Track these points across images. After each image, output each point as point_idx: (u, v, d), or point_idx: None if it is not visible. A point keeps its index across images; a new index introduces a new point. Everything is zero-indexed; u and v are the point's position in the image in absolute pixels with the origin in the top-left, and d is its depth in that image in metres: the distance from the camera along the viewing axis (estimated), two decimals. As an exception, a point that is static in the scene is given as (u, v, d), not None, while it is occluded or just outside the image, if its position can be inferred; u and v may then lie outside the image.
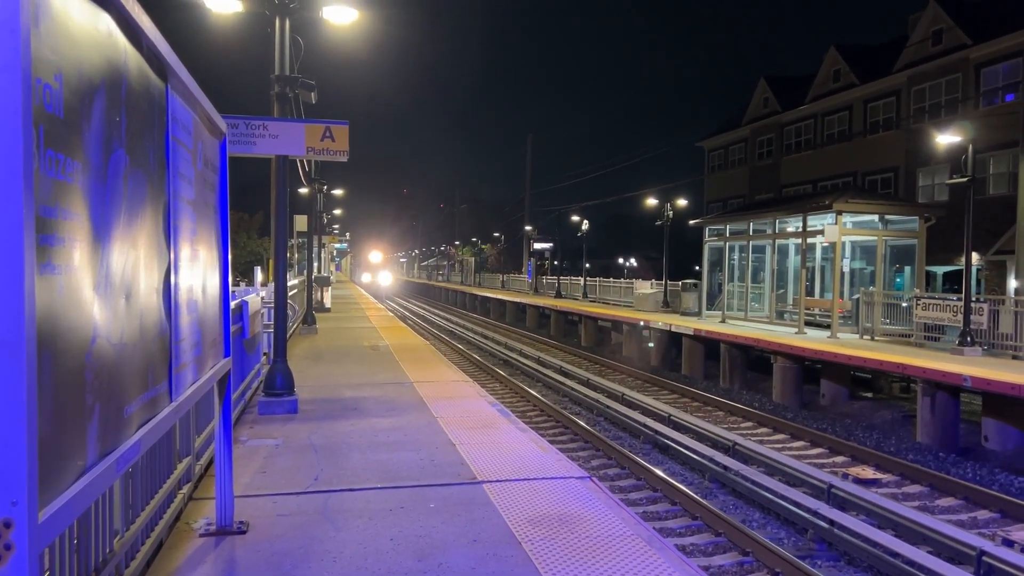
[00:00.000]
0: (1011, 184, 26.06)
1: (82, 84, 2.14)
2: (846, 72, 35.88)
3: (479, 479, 6.30)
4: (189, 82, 3.61)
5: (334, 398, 10.22)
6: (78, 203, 2.09)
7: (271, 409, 8.99)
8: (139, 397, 2.75)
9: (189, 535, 4.94)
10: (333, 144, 9.08)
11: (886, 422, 15.65)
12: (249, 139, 8.71)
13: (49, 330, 1.87)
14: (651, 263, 75.33)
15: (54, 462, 1.91)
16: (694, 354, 22.46)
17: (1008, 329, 15.40)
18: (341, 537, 4.93)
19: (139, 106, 2.79)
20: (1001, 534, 8.24)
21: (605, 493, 5.99)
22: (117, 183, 2.49)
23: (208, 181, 4.36)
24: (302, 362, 13.70)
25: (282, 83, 9.66)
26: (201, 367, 4.04)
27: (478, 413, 9.24)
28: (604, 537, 4.95)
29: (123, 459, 2.47)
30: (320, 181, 26.08)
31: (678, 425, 14.21)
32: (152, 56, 2.98)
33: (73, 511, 2.03)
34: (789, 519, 9.20)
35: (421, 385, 11.38)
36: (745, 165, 44.26)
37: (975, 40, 28.38)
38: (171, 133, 3.32)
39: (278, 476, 6.39)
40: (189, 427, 5.79)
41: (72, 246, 2.04)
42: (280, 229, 9.91)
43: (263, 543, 4.81)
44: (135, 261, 2.72)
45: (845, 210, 20.13)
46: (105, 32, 2.38)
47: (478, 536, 4.96)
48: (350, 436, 7.90)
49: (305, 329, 20.35)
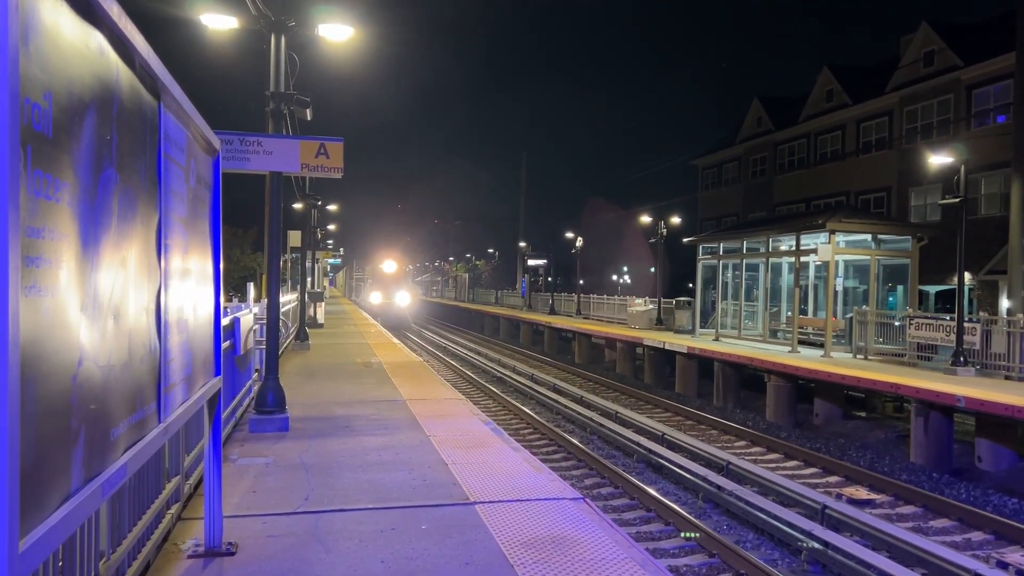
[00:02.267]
0: (1003, 204, 26.21)
1: (72, 103, 2.11)
2: (839, 92, 36.14)
3: (472, 500, 6.24)
4: (182, 99, 3.59)
5: (326, 416, 10.15)
6: (66, 223, 2.06)
7: (262, 427, 8.91)
8: (126, 419, 2.70)
9: (177, 556, 4.86)
10: (328, 161, 9.06)
11: (880, 442, 15.62)
12: (243, 155, 8.69)
13: (34, 353, 1.83)
14: (644, 280, 75.43)
15: (36, 488, 1.86)
16: (688, 372, 22.42)
17: (1001, 349, 15.41)
18: (331, 559, 4.86)
19: (131, 124, 2.77)
20: (995, 556, 8.19)
21: (598, 515, 5.93)
22: (107, 202, 2.46)
23: (201, 198, 4.33)
24: (294, 379, 13.62)
25: (277, 100, 9.66)
26: (191, 387, 3.99)
27: (471, 432, 9.18)
28: (597, 560, 4.90)
29: (109, 483, 2.42)
30: (314, 197, 26.07)
31: (672, 444, 14.15)
32: (145, 74, 2.96)
33: (56, 538, 1.98)
34: (783, 540, 9.14)
35: (414, 403, 11.32)
36: (739, 183, 44.46)
37: (967, 62, 28.64)
38: (163, 151, 3.29)
39: (268, 496, 6.31)
40: (178, 446, 5.72)
41: (59, 267, 2.00)
42: (273, 245, 9.87)
43: (252, 565, 4.74)
44: (124, 281, 2.68)
45: (838, 229, 20.19)
46: (96, 50, 2.36)
47: (471, 559, 4.90)
48: (342, 455, 7.83)
49: (298, 345, 20.26)
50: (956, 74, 29.01)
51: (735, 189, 44.70)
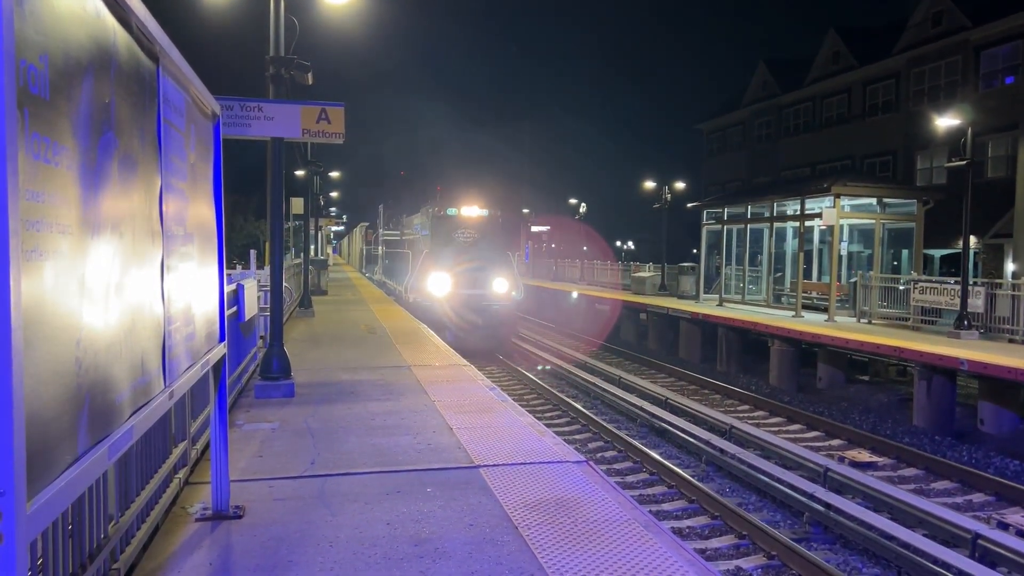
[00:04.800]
0: (1009, 167, 26.01)
1: (69, 65, 2.09)
2: (845, 54, 35.69)
3: (476, 463, 6.29)
4: (181, 63, 3.56)
5: (331, 381, 10.20)
6: (66, 187, 2.05)
7: (267, 393, 8.97)
8: (131, 384, 2.72)
9: (185, 520, 4.92)
10: (329, 126, 9.00)
11: (882, 406, 15.69)
12: (244, 121, 8.63)
13: (36, 317, 1.83)
14: (648, 246, 75.23)
15: (43, 451, 1.88)
16: (692, 337, 22.47)
17: (1005, 312, 15.41)
18: (337, 522, 4.92)
19: (129, 87, 2.74)
20: (996, 517, 8.26)
21: (602, 477, 5.98)
22: (107, 166, 2.44)
23: (202, 164, 4.31)
24: (299, 345, 13.67)
25: (277, 64, 9.57)
26: (195, 353, 4.00)
27: (475, 397, 9.23)
28: (601, 521, 4.95)
29: (115, 447, 2.44)
30: (316, 163, 25.93)
31: (675, 408, 14.23)
32: (142, 36, 2.93)
33: (64, 500, 2.00)
34: (785, 502, 9.22)
35: (418, 369, 11.37)
36: (744, 148, 44.12)
37: (975, 22, 28.22)
38: (163, 115, 3.27)
39: (274, 460, 6.37)
40: (184, 412, 5.76)
41: (60, 231, 1.99)
42: (276, 212, 9.85)
43: (259, 527, 4.80)
44: (126, 246, 2.68)
45: (843, 193, 20.07)
46: (93, 12, 2.33)
47: (475, 521, 4.95)
48: (347, 420, 7.88)
49: (302, 312, 20.31)
50: (964, 35, 28.60)
51: (740, 154, 44.36)
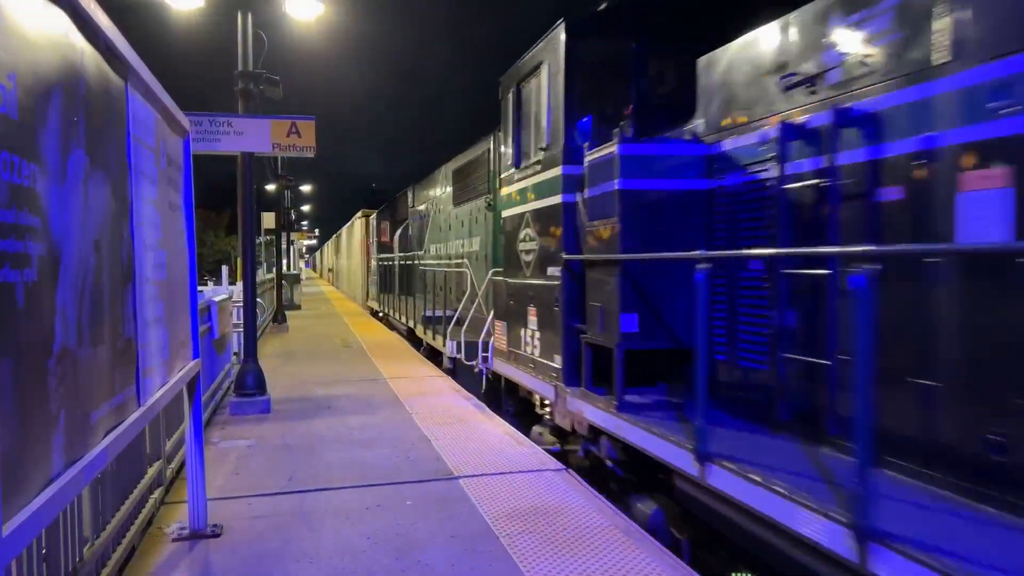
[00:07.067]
0: None
1: (38, 84, 2.08)
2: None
3: (455, 474, 6.28)
4: (150, 80, 3.54)
5: (307, 396, 10.14)
6: (36, 206, 2.04)
7: (243, 409, 8.89)
8: (106, 403, 2.69)
9: (162, 540, 4.87)
10: (300, 140, 8.98)
11: None
12: (214, 136, 8.59)
13: (8, 338, 1.82)
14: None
15: (18, 473, 1.86)
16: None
17: None
18: (318, 537, 4.89)
19: (98, 105, 2.73)
20: None
21: (581, 484, 6.00)
22: (77, 184, 2.43)
23: (172, 180, 4.28)
24: (274, 360, 13.57)
25: (246, 79, 9.54)
26: (169, 370, 3.97)
27: (453, 408, 9.22)
28: (581, 528, 4.96)
29: (91, 467, 2.41)
30: (287, 177, 25.84)
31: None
32: (110, 54, 2.91)
33: (39, 522, 1.98)
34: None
35: (395, 381, 11.33)
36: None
37: None
38: (132, 132, 3.25)
39: (252, 477, 6.32)
40: (159, 431, 5.70)
41: (31, 250, 1.98)
42: (247, 227, 9.79)
43: (238, 546, 4.75)
44: (98, 263, 2.66)
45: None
46: (61, 31, 2.32)
47: (456, 532, 4.94)
48: (324, 435, 7.84)
49: (276, 327, 20.18)
50: None
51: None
